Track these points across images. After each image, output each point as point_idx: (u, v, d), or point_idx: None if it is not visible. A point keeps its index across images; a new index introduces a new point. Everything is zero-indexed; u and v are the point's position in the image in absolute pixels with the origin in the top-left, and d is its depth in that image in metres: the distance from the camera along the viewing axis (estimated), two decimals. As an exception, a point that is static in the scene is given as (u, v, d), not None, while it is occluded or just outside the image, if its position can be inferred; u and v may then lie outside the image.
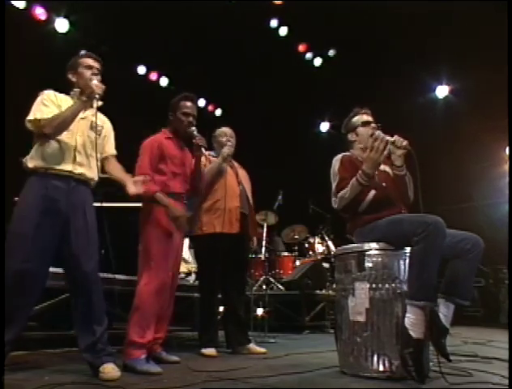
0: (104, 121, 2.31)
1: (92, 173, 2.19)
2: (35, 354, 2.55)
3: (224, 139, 3.15)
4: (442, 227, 1.97)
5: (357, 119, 2.53)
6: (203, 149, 2.63)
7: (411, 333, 1.92)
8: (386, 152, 2.17)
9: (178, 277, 2.77)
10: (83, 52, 2.34)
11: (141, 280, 2.35)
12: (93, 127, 2.20)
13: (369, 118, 2.53)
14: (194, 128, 2.61)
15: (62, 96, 2.19)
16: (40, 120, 2.03)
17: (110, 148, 2.32)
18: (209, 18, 6.15)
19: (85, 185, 2.16)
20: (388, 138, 2.28)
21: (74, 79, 2.21)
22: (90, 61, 2.21)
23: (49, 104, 2.08)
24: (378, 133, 2.33)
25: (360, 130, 2.49)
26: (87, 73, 2.17)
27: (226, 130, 3.23)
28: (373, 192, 2.22)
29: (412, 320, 1.93)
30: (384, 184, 2.38)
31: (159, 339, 2.53)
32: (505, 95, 3.31)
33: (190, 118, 2.64)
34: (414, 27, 5.98)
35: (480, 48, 5.67)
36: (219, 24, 6.24)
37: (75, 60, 2.23)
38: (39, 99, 2.10)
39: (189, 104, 2.66)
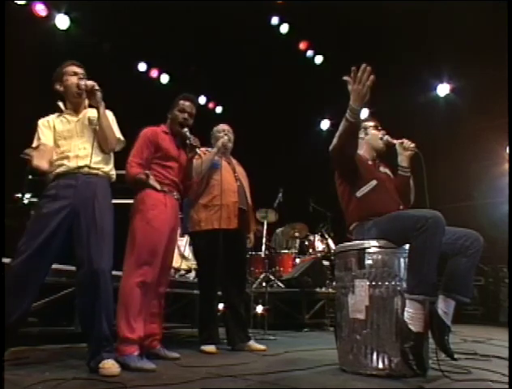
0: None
1: (102, 164, 2.22)
2: (35, 350, 2.54)
3: (220, 135, 3.18)
4: (441, 221, 1.98)
5: (369, 123, 2.66)
6: (197, 149, 2.63)
7: (411, 327, 1.93)
8: (369, 83, 2.07)
9: (169, 273, 2.75)
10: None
11: (124, 274, 2.36)
12: (91, 122, 2.25)
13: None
14: (186, 129, 2.62)
15: (53, 117, 2.27)
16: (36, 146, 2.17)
17: None
18: (210, 15, 6.14)
19: (96, 179, 2.18)
20: (396, 141, 2.48)
21: (61, 89, 2.27)
22: (74, 68, 2.27)
23: (44, 130, 2.21)
24: (387, 137, 2.53)
25: (372, 131, 2.60)
26: (73, 79, 2.24)
27: (223, 126, 3.27)
28: (374, 182, 2.24)
29: (412, 314, 1.94)
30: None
31: (155, 336, 2.53)
32: (506, 93, 3.31)
33: (185, 115, 2.67)
34: (415, 26, 5.96)
35: (481, 47, 5.66)
36: (221, 21, 6.23)
37: (60, 70, 2.28)
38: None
39: (187, 103, 2.72)
